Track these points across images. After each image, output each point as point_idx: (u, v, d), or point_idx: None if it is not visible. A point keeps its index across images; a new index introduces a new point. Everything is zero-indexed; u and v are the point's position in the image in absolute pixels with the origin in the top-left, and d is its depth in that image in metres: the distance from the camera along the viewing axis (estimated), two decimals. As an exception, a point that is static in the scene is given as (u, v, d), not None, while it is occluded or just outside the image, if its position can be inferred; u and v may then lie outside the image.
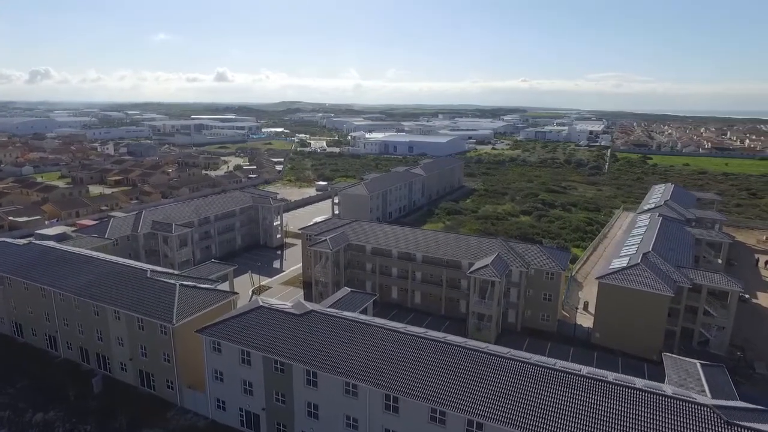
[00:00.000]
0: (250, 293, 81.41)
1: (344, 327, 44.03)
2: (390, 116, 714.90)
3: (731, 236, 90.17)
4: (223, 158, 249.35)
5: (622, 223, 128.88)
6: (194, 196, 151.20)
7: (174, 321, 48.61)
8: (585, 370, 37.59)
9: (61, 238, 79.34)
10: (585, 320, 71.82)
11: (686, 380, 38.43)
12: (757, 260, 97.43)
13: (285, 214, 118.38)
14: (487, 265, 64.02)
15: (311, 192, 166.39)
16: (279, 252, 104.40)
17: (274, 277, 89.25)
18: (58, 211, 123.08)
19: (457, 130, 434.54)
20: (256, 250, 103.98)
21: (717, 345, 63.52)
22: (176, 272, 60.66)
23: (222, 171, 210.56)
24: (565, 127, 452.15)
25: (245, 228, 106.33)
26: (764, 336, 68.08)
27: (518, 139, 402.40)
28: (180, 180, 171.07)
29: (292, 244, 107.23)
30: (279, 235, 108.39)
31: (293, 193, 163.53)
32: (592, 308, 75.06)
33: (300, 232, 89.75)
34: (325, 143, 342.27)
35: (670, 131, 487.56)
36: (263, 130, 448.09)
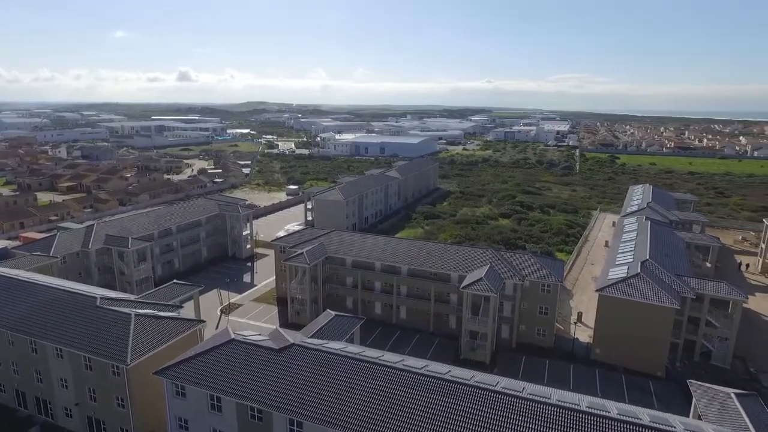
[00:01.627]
0: (219, 312, 73.91)
1: (332, 364, 37.80)
2: (358, 117, 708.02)
3: (718, 239, 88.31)
4: (186, 161, 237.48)
5: (602, 225, 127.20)
6: (155, 204, 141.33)
7: (128, 360, 41.20)
8: (615, 410, 32.71)
9: (0, 255, 69.69)
10: (581, 333, 67.77)
11: (723, 415, 34.16)
12: (740, 263, 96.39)
13: (255, 222, 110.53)
14: (480, 279, 58.96)
15: (281, 197, 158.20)
16: (249, 264, 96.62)
17: (245, 293, 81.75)
18: (0, 223, 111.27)
19: (427, 130, 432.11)
20: (224, 263, 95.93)
21: (720, 357, 60.53)
22: (132, 297, 52.82)
23: (185, 175, 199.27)
24: (534, 128, 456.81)
25: (211, 239, 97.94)
26: (763, 343, 65.77)
27: (488, 139, 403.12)
28: (139, 186, 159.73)
29: (264, 255, 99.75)
30: (249, 246, 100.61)
31: (262, 198, 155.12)
32: (585, 319, 71.38)
33: (272, 243, 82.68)
34: (293, 144, 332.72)
35: (632, 131, 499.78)
36: (228, 131, 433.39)
